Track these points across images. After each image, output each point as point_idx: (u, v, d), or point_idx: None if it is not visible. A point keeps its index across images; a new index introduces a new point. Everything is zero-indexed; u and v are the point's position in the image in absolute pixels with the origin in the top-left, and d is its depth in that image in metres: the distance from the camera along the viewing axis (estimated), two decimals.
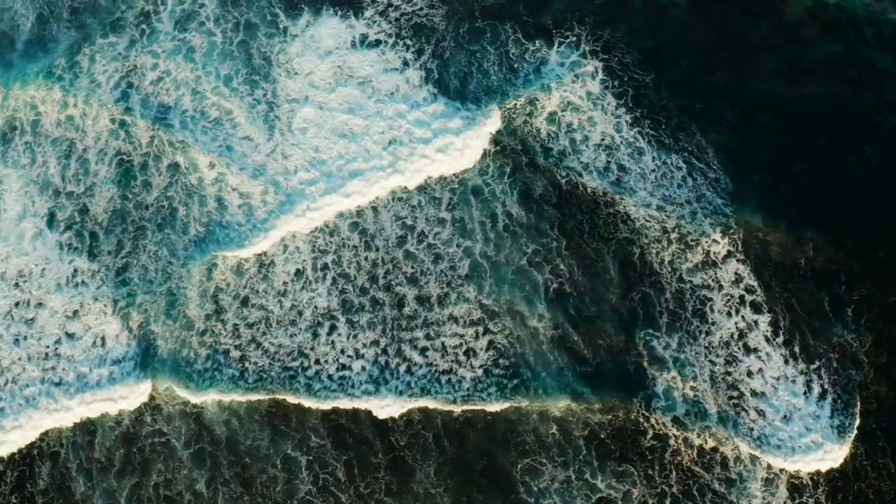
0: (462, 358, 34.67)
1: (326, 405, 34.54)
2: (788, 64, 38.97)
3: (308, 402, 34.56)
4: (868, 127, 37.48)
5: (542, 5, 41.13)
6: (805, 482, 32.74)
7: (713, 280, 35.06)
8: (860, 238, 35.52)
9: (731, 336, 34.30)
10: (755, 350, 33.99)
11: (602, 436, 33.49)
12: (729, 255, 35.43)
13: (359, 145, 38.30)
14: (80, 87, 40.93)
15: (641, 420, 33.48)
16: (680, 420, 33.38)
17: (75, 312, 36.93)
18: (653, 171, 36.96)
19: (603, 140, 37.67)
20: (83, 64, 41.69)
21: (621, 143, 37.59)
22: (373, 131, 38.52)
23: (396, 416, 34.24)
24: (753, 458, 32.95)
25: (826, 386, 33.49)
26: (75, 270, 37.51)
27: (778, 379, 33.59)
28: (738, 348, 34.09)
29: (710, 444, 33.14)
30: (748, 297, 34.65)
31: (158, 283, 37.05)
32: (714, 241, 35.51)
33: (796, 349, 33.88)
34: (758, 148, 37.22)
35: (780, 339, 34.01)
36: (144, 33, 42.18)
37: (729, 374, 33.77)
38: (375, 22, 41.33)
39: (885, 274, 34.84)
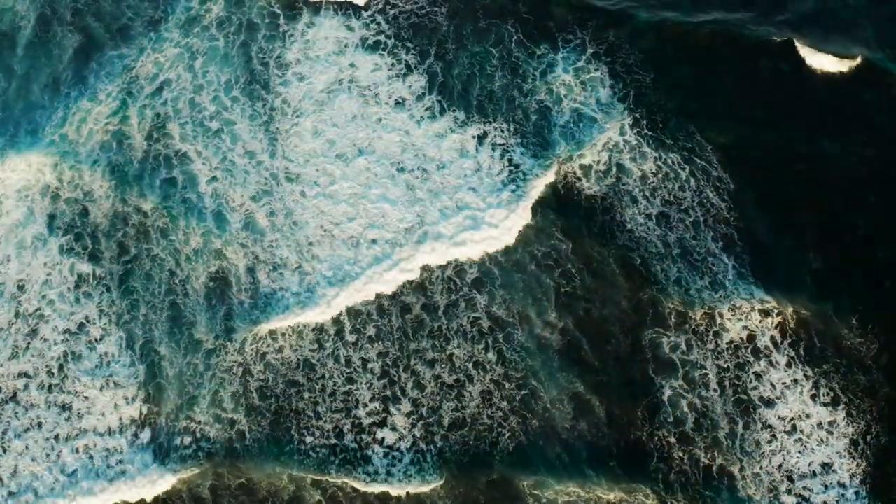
0: (472, 372, 33.08)
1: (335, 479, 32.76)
2: (789, 63, 37.33)
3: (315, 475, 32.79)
4: (869, 127, 35.99)
5: (542, 5, 39.31)
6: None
7: (720, 289, 33.49)
8: (860, 238, 34.12)
9: (741, 340, 32.88)
10: (765, 355, 32.55)
11: (611, 450, 32.02)
12: (735, 269, 33.90)
13: (370, 171, 36.14)
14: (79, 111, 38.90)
15: (645, 438, 32.02)
16: (688, 435, 31.92)
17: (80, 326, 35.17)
18: (654, 173, 35.33)
19: (606, 143, 36.02)
20: (89, 79, 39.51)
21: (624, 146, 35.94)
22: (385, 156, 36.34)
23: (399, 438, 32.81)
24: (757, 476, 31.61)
25: (838, 393, 31.99)
26: (78, 278, 35.65)
27: (787, 386, 32.15)
28: (748, 354, 32.67)
29: (719, 461, 31.69)
30: (755, 303, 33.14)
31: (161, 297, 35.20)
32: (719, 258, 34.01)
33: (804, 355, 32.47)
34: (758, 148, 35.76)
35: (788, 344, 32.60)
36: (152, 41, 39.99)
37: (738, 378, 32.38)
38: (375, 22, 39.30)
39: (887, 274, 33.43)
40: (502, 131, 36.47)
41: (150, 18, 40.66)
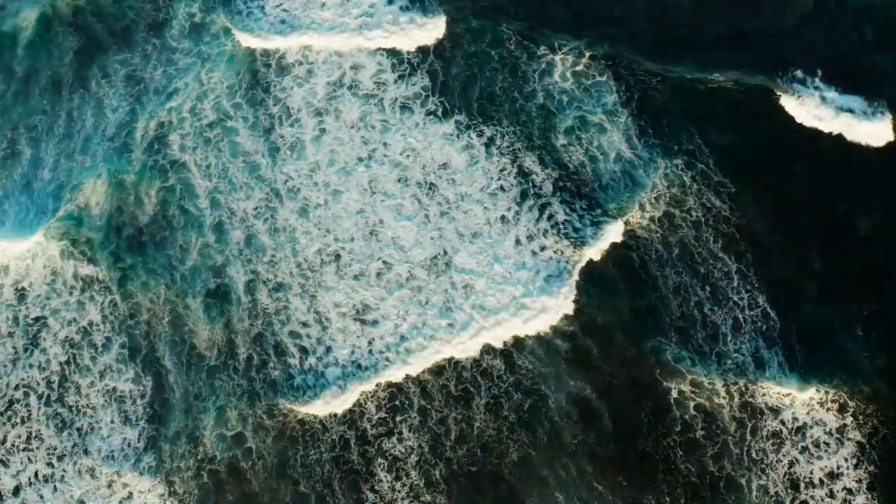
0: (481, 381, 31.51)
1: None
2: (791, 64, 35.54)
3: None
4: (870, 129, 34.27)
5: (541, 8, 37.37)
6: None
7: (721, 294, 32.05)
8: (861, 240, 32.75)
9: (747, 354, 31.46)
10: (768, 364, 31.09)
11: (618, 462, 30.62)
12: (738, 271, 32.40)
13: (375, 187, 33.94)
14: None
15: (650, 447, 30.58)
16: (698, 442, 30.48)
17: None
18: (660, 179, 33.71)
19: (613, 150, 34.36)
20: (92, 86, 37.29)
21: (632, 155, 34.24)
22: (390, 169, 34.16)
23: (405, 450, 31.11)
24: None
25: (845, 400, 30.58)
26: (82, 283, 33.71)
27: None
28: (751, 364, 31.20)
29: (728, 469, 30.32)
30: (757, 303, 31.72)
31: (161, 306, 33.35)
32: (719, 257, 32.51)
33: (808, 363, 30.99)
34: (759, 150, 34.22)
35: (790, 352, 31.12)
36: (156, 47, 37.75)
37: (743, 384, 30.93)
38: (374, 17, 37.10)
39: (890, 278, 32.04)
40: (506, 136, 34.63)
41: (152, 21, 38.56)
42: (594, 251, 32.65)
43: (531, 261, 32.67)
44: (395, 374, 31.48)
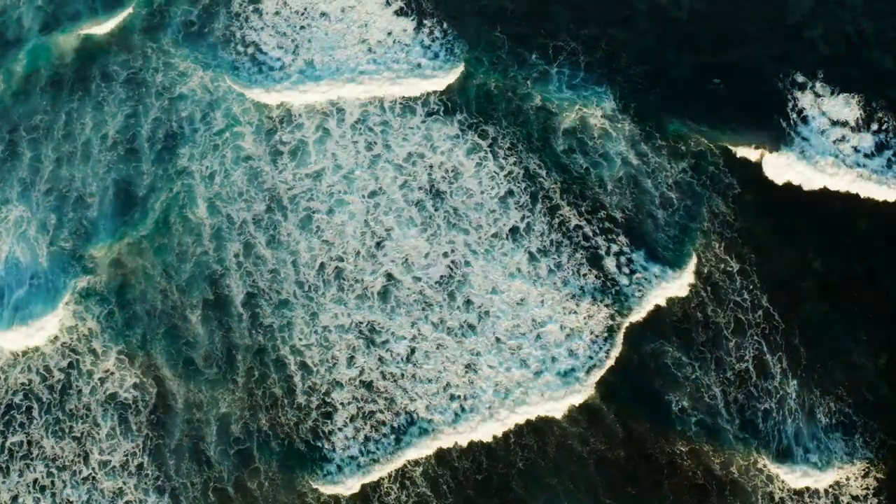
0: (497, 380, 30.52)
1: None
2: (790, 64, 35.00)
3: None
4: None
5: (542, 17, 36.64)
6: None
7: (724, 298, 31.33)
8: (861, 240, 32.20)
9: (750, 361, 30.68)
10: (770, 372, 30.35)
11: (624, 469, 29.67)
12: (740, 271, 31.72)
13: (379, 197, 32.70)
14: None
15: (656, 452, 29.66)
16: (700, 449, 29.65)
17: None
18: (667, 185, 33.04)
19: (616, 153, 33.61)
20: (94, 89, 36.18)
21: (638, 161, 33.50)
22: (394, 177, 32.95)
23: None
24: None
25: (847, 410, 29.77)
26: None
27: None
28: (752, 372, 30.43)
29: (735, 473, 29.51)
30: (760, 306, 31.01)
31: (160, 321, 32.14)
32: (725, 260, 31.81)
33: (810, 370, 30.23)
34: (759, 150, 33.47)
35: (792, 360, 30.35)
36: (154, 49, 36.78)
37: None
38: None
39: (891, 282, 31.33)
40: (507, 137, 33.77)
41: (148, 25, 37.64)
42: (638, 314, 31.28)
43: (560, 314, 31.33)
44: (421, 453, 29.88)
